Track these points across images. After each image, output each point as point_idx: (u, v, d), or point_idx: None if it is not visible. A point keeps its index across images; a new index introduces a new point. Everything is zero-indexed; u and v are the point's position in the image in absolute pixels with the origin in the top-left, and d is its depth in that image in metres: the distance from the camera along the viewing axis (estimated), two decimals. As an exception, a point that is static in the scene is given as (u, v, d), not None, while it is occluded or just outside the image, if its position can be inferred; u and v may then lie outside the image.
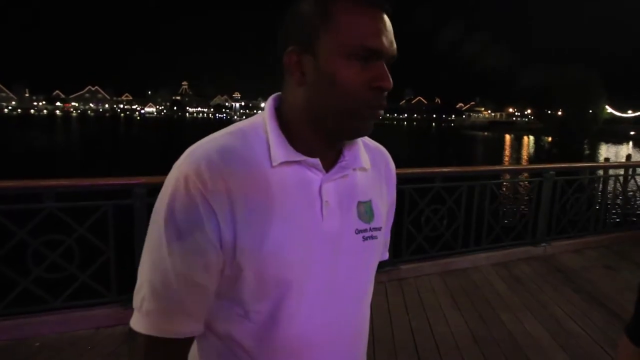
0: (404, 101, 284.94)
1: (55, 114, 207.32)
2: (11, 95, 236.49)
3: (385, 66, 0.67)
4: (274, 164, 0.67)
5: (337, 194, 0.72)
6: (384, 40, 0.66)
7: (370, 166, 0.79)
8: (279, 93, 0.74)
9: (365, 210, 0.76)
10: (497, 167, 4.89)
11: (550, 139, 53.83)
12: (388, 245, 0.95)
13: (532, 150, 45.10)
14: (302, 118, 0.69)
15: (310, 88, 0.67)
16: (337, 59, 0.64)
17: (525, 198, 4.78)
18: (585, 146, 45.24)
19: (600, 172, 5.40)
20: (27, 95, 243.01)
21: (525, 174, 5.61)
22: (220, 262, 0.66)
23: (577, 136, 46.88)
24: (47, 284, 2.67)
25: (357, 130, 0.70)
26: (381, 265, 4.05)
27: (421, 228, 3.83)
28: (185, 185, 0.63)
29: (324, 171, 0.71)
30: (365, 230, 0.75)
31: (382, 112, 0.69)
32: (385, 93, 0.68)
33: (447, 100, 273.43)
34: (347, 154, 0.75)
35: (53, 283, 2.68)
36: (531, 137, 67.16)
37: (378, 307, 3.16)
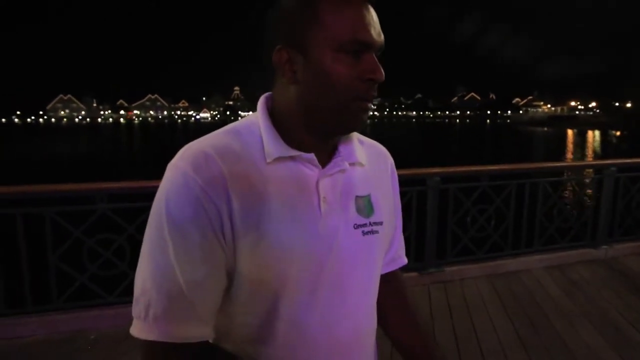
0: (455, 98, 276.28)
1: (120, 122, 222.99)
2: (81, 105, 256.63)
3: (375, 58, 0.66)
4: (268, 160, 0.67)
5: (334, 189, 0.71)
6: (373, 32, 0.65)
7: (366, 162, 0.78)
8: (270, 93, 0.73)
9: (365, 205, 0.74)
10: (549, 164, 4.56)
11: (618, 133, 49.84)
12: (403, 248, 0.92)
13: (597, 145, 41.94)
14: (295, 116, 0.69)
15: (303, 86, 0.67)
16: (328, 54, 0.64)
17: (585, 196, 4.45)
18: (660, 140, 41.41)
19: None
20: (94, 105, 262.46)
21: (585, 171, 5.22)
22: (229, 258, 0.64)
23: (649, 129, 43.03)
24: (102, 281, 2.86)
25: (351, 125, 0.70)
26: (424, 267, 3.90)
27: (467, 229, 3.69)
28: (184, 182, 0.62)
29: (319, 167, 0.70)
30: (364, 225, 0.73)
31: (371, 104, 0.68)
32: (376, 85, 0.67)
33: (503, 95, 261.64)
34: (342, 150, 0.74)
35: (107, 279, 2.86)
36: (596, 132, 62.44)
37: (419, 310, 3.07)
